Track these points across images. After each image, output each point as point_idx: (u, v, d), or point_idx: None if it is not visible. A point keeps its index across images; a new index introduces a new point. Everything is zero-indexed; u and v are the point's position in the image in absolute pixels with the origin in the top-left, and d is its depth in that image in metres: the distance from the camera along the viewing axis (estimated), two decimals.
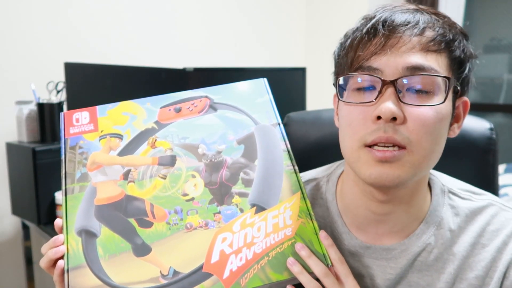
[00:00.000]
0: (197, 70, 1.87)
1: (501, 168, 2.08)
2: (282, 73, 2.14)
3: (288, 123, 0.97)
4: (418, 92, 0.57)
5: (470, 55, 0.61)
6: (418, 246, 0.65)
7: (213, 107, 0.69)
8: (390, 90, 0.56)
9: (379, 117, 0.56)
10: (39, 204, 1.48)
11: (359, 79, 0.59)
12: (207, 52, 2.27)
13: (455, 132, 0.64)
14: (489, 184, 0.88)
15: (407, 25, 0.57)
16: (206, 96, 0.70)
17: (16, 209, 1.63)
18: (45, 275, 1.83)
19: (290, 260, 0.57)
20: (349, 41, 0.61)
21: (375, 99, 0.57)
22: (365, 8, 2.37)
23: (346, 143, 0.61)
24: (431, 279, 0.64)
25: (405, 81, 0.56)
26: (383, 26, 0.58)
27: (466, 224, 0.65)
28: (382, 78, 0.57)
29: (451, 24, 0.60)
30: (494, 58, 2.47)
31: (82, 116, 0.68)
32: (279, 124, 0.67)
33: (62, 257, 0.58)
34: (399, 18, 0.58)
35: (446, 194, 0.68)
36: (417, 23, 0.58)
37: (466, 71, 0.61)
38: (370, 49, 0.58)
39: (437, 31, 0.58)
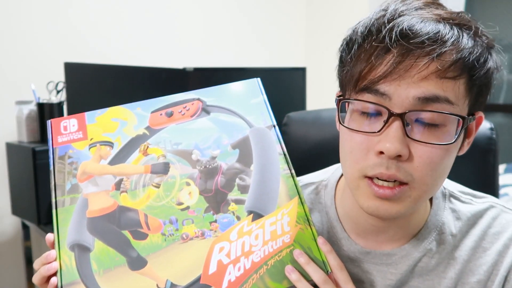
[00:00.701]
0: (197, 70, 1.87)
1: (501, 168, 2.08)
2: (282, 73, 2.14)
3: (288, 123, 0.97)
4: (428, 125, 0.52)
5: (494, 70, 0.55)
6: (419, 252, 0.63)
7: (206, 110, 0.66)
8: (397, 123, 0.51)
9: (382, 152, 0.52)
10: (39, 204, 1.48)
11: (369, 105, 0.54)
12: (207, 52, 2.27)
13: (465, 149, 0.59)
14: (490, 184, 0.88)
15: (424, 45, 0.50)
16: (198, 99, 0.67)
17: (16, 209, 1.63)
18: None
19: (288, 268, 0.55)
20: (356, 48, 0.55)
21: (380, 130, 0.52)
22: (365, 8, 2.37)
23: (347, 169, 0.58)
24: (432, 284, 0.63)
25: (414, 115, 0.51)
26: (396, 43, 0.50)
27: (467, 228, 0.65)
28: (389, 109, 0.51)
29: (478, 36, 0.53)
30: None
31: (70, 123, 0.65)
32: (274, 126, 0.65)
33: (55, 274, 0.56)
34: (418, 33, 0.50)
35: (447, 198, 0.66)
36: (438, 41, 0.50)
37: (486, 91, 0.55)
38: (380, 70, 0.51)
39: (459, 53, 0.50)
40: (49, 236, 0.58)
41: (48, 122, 0.66)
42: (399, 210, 0.55)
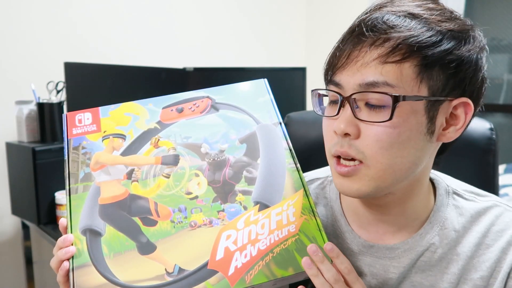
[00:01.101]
0: (197, 70, 1.87)
1: (501, 168, 2.08)
2: (282, 73, 2.14)
3: (288, 123, 0.98)
4: (372, 107, 0.57)
5: (463, 52, 0.56)
6: (422, 246, 0.64)
7: (215, 107, 0.69)
8: (347, 106, 0.57)
9: (336, 132, 0.58)
10: (39, 204, 1.48)
11: (328, 93, 0.61)
12: (207, 52, 2.27)
13: (451, 136, 0.60)
14: (489, 184, 0.88)
15: (373, 32, 0.55)
16: (208, 97, 0.70)
17: (16, 209, 1.63)
18: (45, 275, 1.83)
19: (306, 261, 0.57)
20: (333, 49, 0.62)
21: (337, 114, 0.59)
22: (365, 8, 2.37)
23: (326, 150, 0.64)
24: (435, 279, 0.64)
25: (357, 97, 0.57)
26: (351, 35, 0.58)
27: (470, 225, 0.65)
28: (340, 94, 0.58)
29: (436, 23, 0.56)
30: (494, 58, 2.47)
31: (84, 117, 0.69)
32: (280, 123, 0.68)
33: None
34: (371, 23, 0.56)
35: (450, 195, 0.68)
36: (384, 30, 0.55)
37: (453, 71, 0.56)
38: (338, 64, 0.59)
39: (403, 39, 0.54)
40: (62, 221, 0.61)
41: (64, 115, 0.69)
42: (359, 188, 0.59)
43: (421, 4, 0.58)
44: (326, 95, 0.63)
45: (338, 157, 0.60)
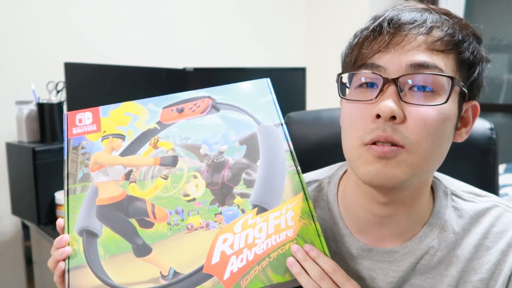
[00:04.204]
0: (197, 70, 1.87)
1: (501, 168, 2.08)
2: (282, 73, 2.14)
3: (288, 123, 0.97)
4: (421, 90, 0.55)
5: (481, 58, 0.59)
6: (421, 249, 0.64)
7: (215, 107, 0.68)
8: (391, 88, 0.55)
9: (378, 116, 0.55)
10: (39, 204, 1.48)
11: (362, 78, 0.58)
12: (207, 52, 2.27)
13: (463, 137, 0.62)
14: (490, 184, 0.88)
15: (413, 23, 0.56)
16: (209, 97, 0.69)
17: (16, 209, 1.63)
18: (45, 275, 1.83)
19: (290, 260, 0.56)
20: (355, 40, 0.60)
21: (376, 97, 0.56)
22: (365, 8, 2.37)
23: (347, 141, 0.60)
24: (434, 282, 0.63)
25: (407, 79, 0.55)
26: (388, 24, 0.57)
27: (470, 226, 0.65)
28: (383, 76, 0.56)
29: (463, 25, 0.58)
30: (494, 58, 2.47)
31: (85, 116, 0.68)
32: (282, 124, 0.67)
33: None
34: (406, 16, 0.57)
35: (449, 196, 0.67)
36: (425, 21, 0.56)
37: (476, 74, 0.59)
38: (374, 47, 0.57)
39: (446, 31, 0.56)
40: (60, 221, 0.61)
41: (64, 114, 0.69)
42: (396, 174, 0.55)
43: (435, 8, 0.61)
44: (347, 87, 0.61)
45: (370, 144, 0.57)
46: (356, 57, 0.59)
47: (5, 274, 1.77)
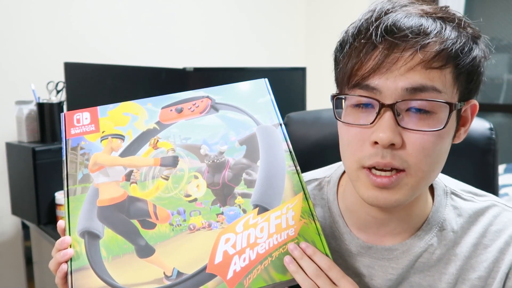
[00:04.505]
0: (197, 70, 1.87)
1: (501, 168, 2.08)
2: (282, 73, 2.14)
3: (288, 123, 0.97)
4: (418, 113, 0.54)
5: (480, 60, 0.57)
6: (420, 247, 0.64)
7: (214, 107, 0.68)
8: (388, 114, 0.54)
9: (376, 142, 0.54)
10: (39, 204, 1.48)
11: (361, 99, 0.57)
12: (207, 52, 2.27)
13: (461, 137, 0.62)
14: (489, 184, 0.88)
15: (408, 38, 0.53)
16: (208, 97, 0.69)
17: (16, 209, 1.63)
18: (45, 275, 1.83)
19: (287, 259, 0.57)
20: (347, 47, 0.57)
21: (373, 122, 0.55)
22: (365, 8, 2.37)
23: (346, 162, 0.60)
24: (433, 280, 0.64)
25: (403, 105, 0.54)
26: (382, 39, 0.53)
27: (469, 225, 0.65)
28: (380, 101, 0.54)
29: (462, 28, 0.56)
30: (494, 58, 2.47)
31: (83, 116, 0.68)
32: (280, 124, 0.67)
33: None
34: (401, 27, 0.53)
35: (449, 196, 0.67)
36: (421, 34, 0.53)
37: (475, 78, 0.58)
38: (369, 66, 0.54)
39: (443, 44, 0.53)
40: (61, 223, 0.60)
41: (62, 114, 0.69)
42: (398, 199, 0.56)
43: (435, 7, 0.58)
44: (343, 98, 0.60)
45: (369, 168, 0.56)
46: (349, 75, 0.56)
47: (5, 274, 1.77)
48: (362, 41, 0.55)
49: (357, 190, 0.59)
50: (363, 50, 0.55)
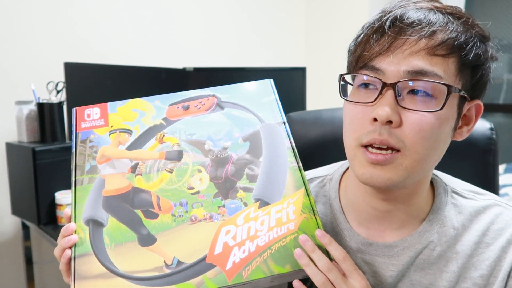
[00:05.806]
0: (197, 70, 1.87)
1: (501, 168, 2.08)
2: (282, 73, 2.14)
3: (288, 123, 0.97)
4: (418, 95, 0.56)
5: (487, 58, 0.60)
6: (421, 243, 0.65)
7: (220, 105, 0.70)
8: (389, 93, 0.56)
9: (375, 119, 0.56)
10: (39, 204, 1.48)
11: (364, 77, 0.59)
12: (207, 52, 2.27)
13: (463, 135, 0.63)
14: (490, 184, 0.88)
15: (415, 26, 0.56)
16: (214, 95, 0.71)
17: (16, 209, 1.63)
18: (45, 275, 1.83)
19: (298, 252, 0.57)
20: (360, 37, 0.61)
21: (374, 100, 0.57)
22: (365, 8, 2.37)
23: (346, 140, 0.62)
24: (434, 278, 0.64)
25: (404, 85, 0.56)
26: (391, 26, 0.57)
27: (470, 223, 0.65)
28: (382, 80, 0.57)
29: (470, 25, 0.58)
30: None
31: (93, 111, 0.71)
32: (284, 122, 0.69)
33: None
34: (411, 17, 0.57)
35: (449, 194, 0.68)
36: (427, 24, 0.56)
37: (480, 74, 0.59)
38: (376, 49, 0.57)
39: (448, 34, 0.56)
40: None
41: (74, 109, 0.72)
42: (391, 177, 0.58)
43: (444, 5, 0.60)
44: (350, 83, 0.62)
45: (366, 146, 0.58)
46: (357, 58, 0.60)
47: (5, 274, 1.77)
48: (374, 29, 0.59)
49: (353, 169, 0.61)
50: (373, 36, 0.58)
